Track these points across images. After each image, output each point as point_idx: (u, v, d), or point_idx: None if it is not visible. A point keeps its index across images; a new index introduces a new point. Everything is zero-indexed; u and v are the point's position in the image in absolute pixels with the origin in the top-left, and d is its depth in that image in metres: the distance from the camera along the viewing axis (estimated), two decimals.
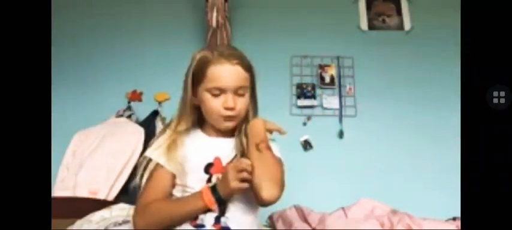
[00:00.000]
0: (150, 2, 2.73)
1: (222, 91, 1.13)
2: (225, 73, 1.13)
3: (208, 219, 1.05)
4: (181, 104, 1.20)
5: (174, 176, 1.13)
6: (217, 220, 1.05)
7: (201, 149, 1.15)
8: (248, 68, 1.18)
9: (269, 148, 1.10)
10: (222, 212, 1.06)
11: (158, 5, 2.72)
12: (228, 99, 1.12)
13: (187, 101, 1.17)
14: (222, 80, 1.12)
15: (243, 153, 1.13)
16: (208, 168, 1.11)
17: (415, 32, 2.64)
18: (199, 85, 1.15)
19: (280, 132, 1.20)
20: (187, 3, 2.68)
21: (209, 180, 1.10)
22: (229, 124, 1.16)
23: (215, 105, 1.13)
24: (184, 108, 1.18)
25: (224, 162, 1.13)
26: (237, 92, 1.14)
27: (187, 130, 1.19)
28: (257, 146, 1.08)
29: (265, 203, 1.03)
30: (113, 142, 1.98)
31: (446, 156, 2.19)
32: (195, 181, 1.10)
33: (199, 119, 1.22)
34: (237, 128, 1.19)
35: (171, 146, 1.14)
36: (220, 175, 1.09)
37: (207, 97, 1.14)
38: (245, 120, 1.19)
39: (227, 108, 1.12)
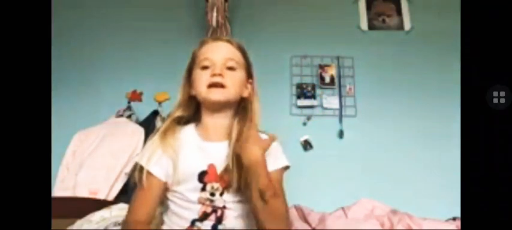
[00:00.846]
0: (150, 2, 2.73)
1: (211, 64, 1.11)
2: (214, 47, 1.15)
3: (205, 227, 1.04)
4: (179, 96, 1.18)
5: (164, 182, 1.08)
6: (214, 228, 1.03)
7: (195, 154, 1.09)
8: (239, 48, 1.17)
9: (277, 195, 0.99)
10: (219, 220, 1.04)
11: (158, 5, 2.72)
12: (216, 67, 1.10)
13: (184, 89, 1.16)
14: (211, 53, 1.13)
15: (236, 159, 1.04)
16: (202, 176, 1.06)
17: (415, 32, 2.64)
18: (193, 70, 1.15)
19: (275, 139, 1.11)
20: (187, 3, 2.69)
21: (203, 189, 1.05)
22: (218, 96, 1.09)
23: (203, 77, 1.11)
24: (180, 98, 1.17)
25: (219, 169, 1.06)
26: (226, 65, 1.12)
27: (182, 121, 1.15)
28: (261, 194, 0.97)
29: None
30: (113, 142, 1.98)
31: (446, 156, 2.20)
32: (189, 191, 1.06)
33: (196, 119, 1.17)
34: (230, 132, 1.11)
35: (167, 133, 1.10)
36: (214, 184, 1.05)
37: (197, 72, 1.13)
38: (240, 113, 1.14)
39: (213, 75, 1.09)
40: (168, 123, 1.14)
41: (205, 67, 1.11)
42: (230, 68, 1.12)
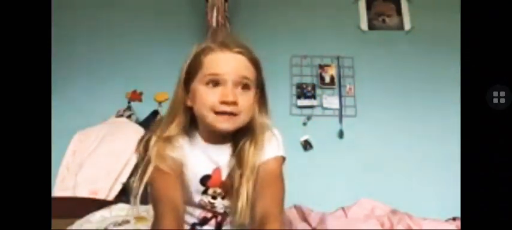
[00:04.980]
0: (150, 2, 2.73)
1: (220, 81, 0.92)
2: (225, 60, 0.93)
3: None
4: (171, 104, 1.00)
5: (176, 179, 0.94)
6: None
7: (197, 156, 0.99)
8: (254, 61, 0.97)
9: None
10: (219, 225, 1.02)
11: (158, 6, 2.72)
12: (227, 90, 0.90)
13: (178, 98, 0.97)
14: (220, 67, 0.92)
15: (241, 182, 0.94)
16: (205, 180, 0.98)
17: (415, 32, 2.64)
18: (193, 80, 0.96)
19: None
20: (187, 3, 2.68)
21: (205, 192, 0.99)
22: (228, 126, 0.92)
23: (210, 99, 0.91)
24: (174, 109, 0.98)
25: (224, 173, 0.99)
26: (238, 85, 0.93)
27: (177, 136, 0.98)
28: None
29: None
30: (112, 142, 1.98)
31: (446, 156, 2.20)
32: (191, 193, 0.99)
33: (195, 121, 1.02)
34: (234, 135, 0.98)
35: (164, 153, 0.94)
36: (217, 189, 0.99)
37: (201, 89, 0.93)
38: (249, 129, 0.99)
39: (225, 103, 0.90)
40: (159, 147, 0.94)
41: (212, 85, 0.93)
42: (243, 87, 0.94)
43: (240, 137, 0.99)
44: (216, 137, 0.99)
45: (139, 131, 2.04)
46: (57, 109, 1.60)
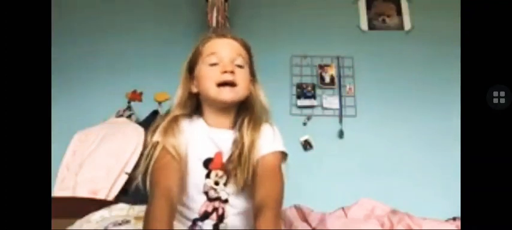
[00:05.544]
0: (150, 2, 2.73)
1: (218, 60, 1.08)
2: (222, 43, 1.12)
3: (206, 226, 1.03)
4: (177, 93, 1.14)
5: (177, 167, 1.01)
6: (215, 227, 1.03)
7: (201, 141, 1.08)
8: (245, 46, 1.15)
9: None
10: (221, 218, 1.04)
11: (158, 6, 2.72)
12: (226, 64, 1.07)
13: (183, 87, 1.13)
14: (218, 49, 1.10)
15: (241, 151, 1.04)
16: (207, 163, 1.06)
17: (415, 32, 2.64)
18: (196, 67, 1.12)
19: None
20: (187, 3, 2.68)
21: (208, 175, 1.05)
22: (229, 96, 1.06)
23: (212, 73, 1.07)
24: (180, 96, 1.13)
25: (225, 157, 1.06)
26: (235, 62, 1.09)
27: (186, 116, 1.12)
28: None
29: None
30: (112, 142, 1.98)
31: (446, 156, 2.20)
32: (193, 176, 1.05)
33: (200, 109, 1.14)
34: (236, 120, 1.11)
35: (169, 131, 1.06)
36: (219, 172, 1.05)
37: (204, 69, 1.09)
38: (248, 108, 1.12)
39: (225, 72, 1.06)
40: (168, 121, 1.08)
41: (213, 64, 1.08)
42: (238, 66, 1.10)
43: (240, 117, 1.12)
44: (219, 118, 1.10)
45: (140, 131, 2.04)
46: (57, 109, 1.60)
